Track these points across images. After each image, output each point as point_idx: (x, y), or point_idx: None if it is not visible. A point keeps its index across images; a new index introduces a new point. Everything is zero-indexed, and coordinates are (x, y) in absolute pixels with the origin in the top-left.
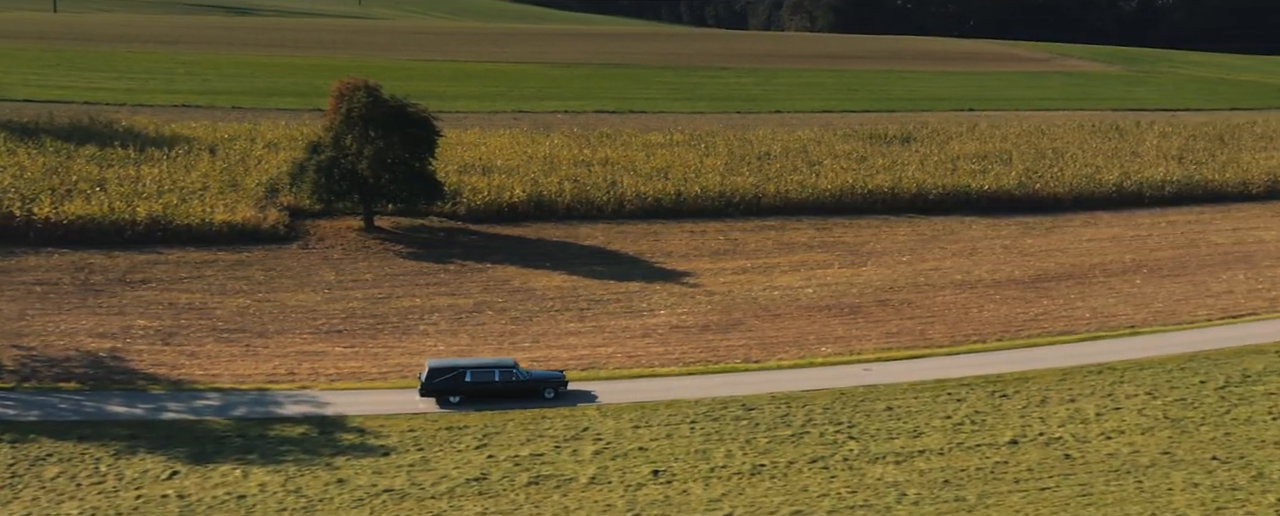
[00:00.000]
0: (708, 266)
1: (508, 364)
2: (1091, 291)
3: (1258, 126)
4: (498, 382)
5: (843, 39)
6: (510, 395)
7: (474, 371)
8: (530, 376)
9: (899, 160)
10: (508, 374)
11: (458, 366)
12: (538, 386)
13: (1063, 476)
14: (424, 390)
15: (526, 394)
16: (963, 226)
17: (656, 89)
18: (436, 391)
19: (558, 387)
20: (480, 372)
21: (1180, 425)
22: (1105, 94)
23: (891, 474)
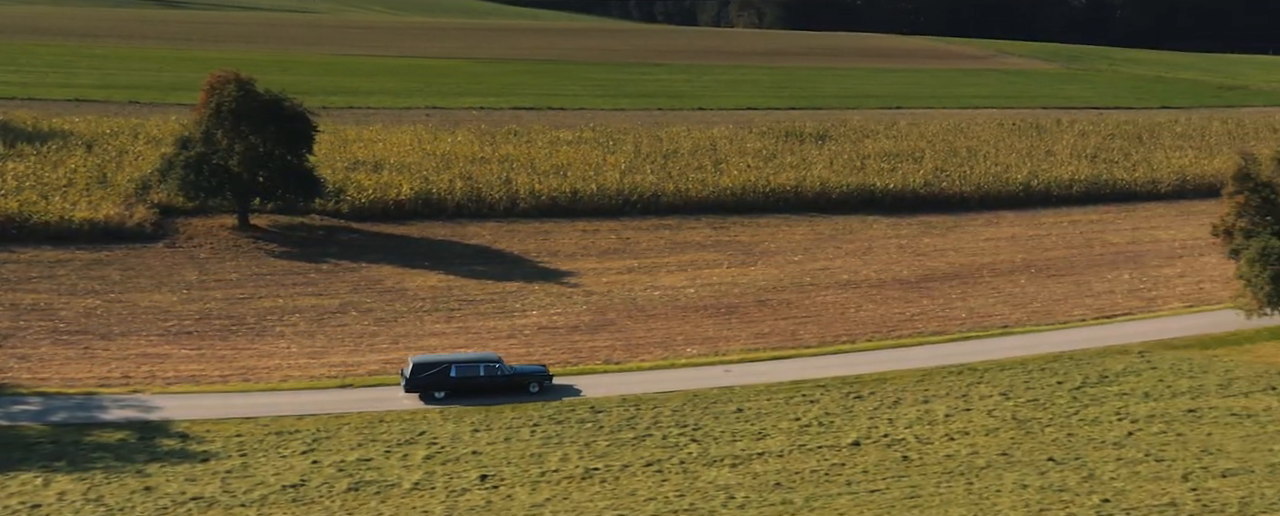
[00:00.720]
0: (593, 266)
1: (492, 358)
2: (974, 291)
3: (1179, 125)
4: (483, 377)
5: (786, 36)
6: (495, 390)
7: (459, 366)
8: (514, 371)
9: (808, 158)
10: (492, 368)
11: (442, 361)
12: (523, 381)
13: (896, 478)
14: (409, 386)
15: (511, 388)
16: (863, 226)
17: (582, 85)
18: (421, 387)
19: (542, 382)
20: (465, 367)
21: (1026, 426)
22: (1038, 92)
23: (725, 477)
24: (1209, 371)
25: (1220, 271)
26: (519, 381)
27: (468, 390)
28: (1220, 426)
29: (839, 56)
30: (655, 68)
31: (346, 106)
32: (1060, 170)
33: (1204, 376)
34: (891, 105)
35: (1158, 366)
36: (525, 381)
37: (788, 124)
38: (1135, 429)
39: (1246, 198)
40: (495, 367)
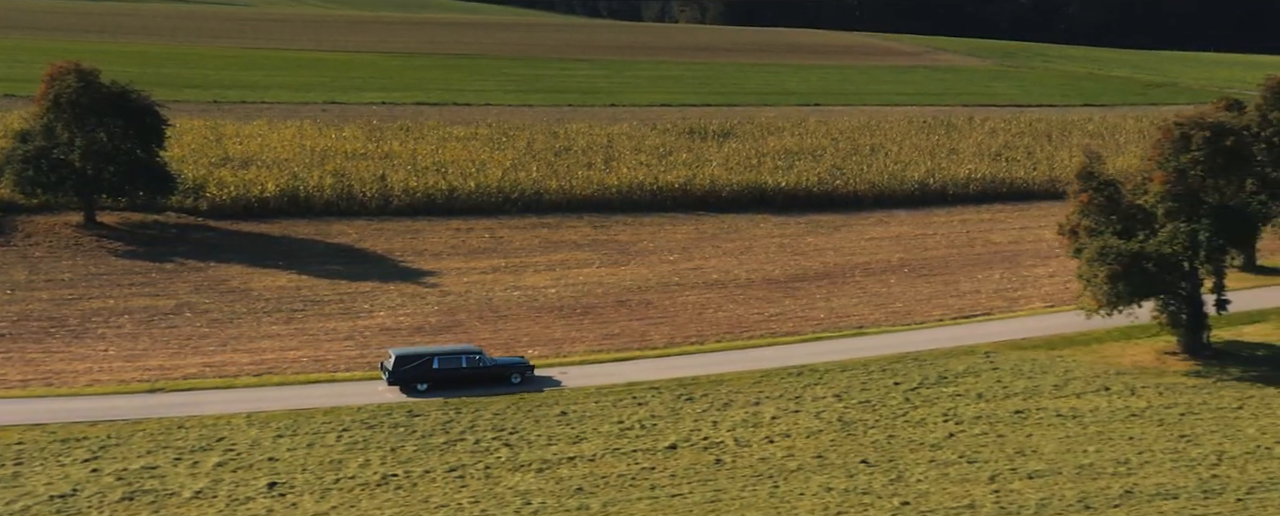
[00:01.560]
0: (458, 266)
1: (473, 351)
2: (841, 291)
3: (1092, 123)
4: (465, 369)
5: (720, 31)
6: (477, 381)
7: (441, 358)
8: (496, 363)
9: (705, 156)
10: (474, 360)
11: (425, 354)
12: (504, 372)
13: (702, 482)
14: (392, 378)
15: (493, 380)
16: (750, 224)
17: (497, 80)
18: (404, 380)
19: (524, 373)
20: (447, 360)
21: (850, 428)
22: (963, 89)
23: (528, 482)
24: (1049, 372)
25: None
26: (500, 373)
27: (450, 382)
28: (1043, 427)
29: (769, 52)
30: (577, 63)
31: (240, 101)
32: (960, 169)
33: (1042, 377)
34: (810, 102)
35: (1000, 367)
36: (507, 373)
37: (694, 121)
38: (958, 430)
39: (1090, 196)
40: (477, 359)
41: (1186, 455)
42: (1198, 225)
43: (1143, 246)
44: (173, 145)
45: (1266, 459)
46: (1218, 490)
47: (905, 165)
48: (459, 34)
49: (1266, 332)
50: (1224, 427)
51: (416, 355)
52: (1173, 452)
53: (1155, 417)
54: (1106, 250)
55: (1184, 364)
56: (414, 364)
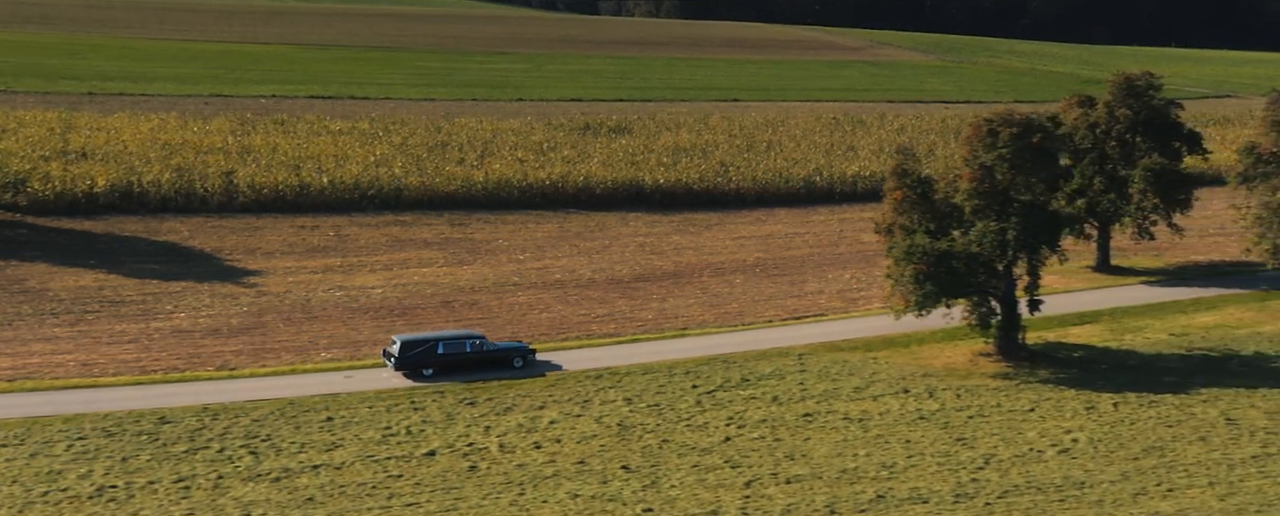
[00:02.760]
0: (289, 265)
1: (476, 336)
2: (680, 291)
3: None
4: (469, 353)
5: (665, 25)
6: (481, 365)
7: (446, 343)
8: (498, 347)
9: (588, 152)
10: (478, 345)
11: (429, 339)
12: (507, 356)
13: (445, 491)
14: (398, 364)
15: (496, 364)
16: (620, 223)
17: (407, 74)
18: (410, 365)
19: (526, 357)
20: (451, 344)
21: (627, 432)
22: (894, 85)
23: (259, 492)
24: (856, 374)
25: None
26: (502, 357)
27: (454, 366)
28: (824, 431)
29: (707, 47)
30: (499, 57)
31: (118, 93)
32: (851, 167)
33: (847, 379)
34: (730, 98)
35: (808, 369)
36: (509, 357)
37: (593, 116)
38: (737, 434)
39: (903, 194)
40: (479, 344)
41: (956, 458)
42: (1006, 224)
43: (951, 246)
44: (7, 138)
45: (1034, 462)
46: (971, 494)
47: (795, 163)
48: (380, 26)
49: (1092, 334)
50: (1006, 430)
51: (421, 340)
52: (943, 456)
53: (941, 420)
54: (913, 249)
55: (995, 366)
56: (419, 349)
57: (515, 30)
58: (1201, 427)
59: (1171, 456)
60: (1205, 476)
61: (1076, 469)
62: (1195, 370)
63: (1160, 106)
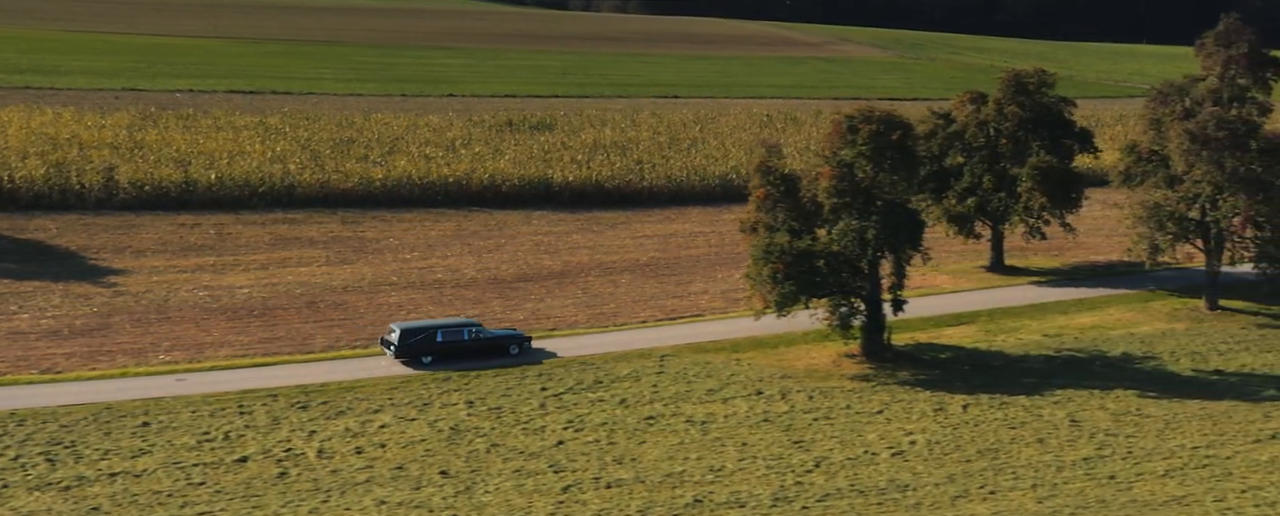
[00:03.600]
0: (157, 264)
1: (473, 324)
2: (561, 292)
3: None
4: (467, 341)
5: (626, 19)
6: (478, 353)
7: (444, 331)
8: (494, 335)
9: (500, 149)
10: (475, 333)
11: (428, 327)
12: (503, 343)
13: (245, 499)
14: (399, 352)
15: (493, 351)
16: (522, 221)
17: (339, 68)
18: (411, 352)
19: (522, 344)
20: (450, 332)
21: (459, 436)
22: (844, 82)
23: (42, 502)
24: (713, 376)
25: None
26: (499, 344)
27: (452, 354)
28: (663, 434)
29: (661, 42)
30: (441, 51)
31: (24, 86)
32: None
33: (703, 381)
34: (669, 94)
35: (667, 371)
36: (505, 344)
37: (517, 112)
38: (573, 438)
39: (767, 192)
40: (476, 332)
41: (787, 461)
42: (867, 223)
43: (812, 245)
44: None
45: (866, 465)
46: (791, 498)
47: (715, 161)
48: (323, 20)
49: (965, 335)
50: (848, 433)
51: (420, 328)
52: (776, 459)
53: (785, 423)
54: (771, 248)
55: (857, 367)
56: (419, 337)
57: (462, 25)
58: (1043, 429)
59: (1005, 458)
60: (1032, 478)
61: (905, 471)
62: (1057, 371)
63: (1051, 104)
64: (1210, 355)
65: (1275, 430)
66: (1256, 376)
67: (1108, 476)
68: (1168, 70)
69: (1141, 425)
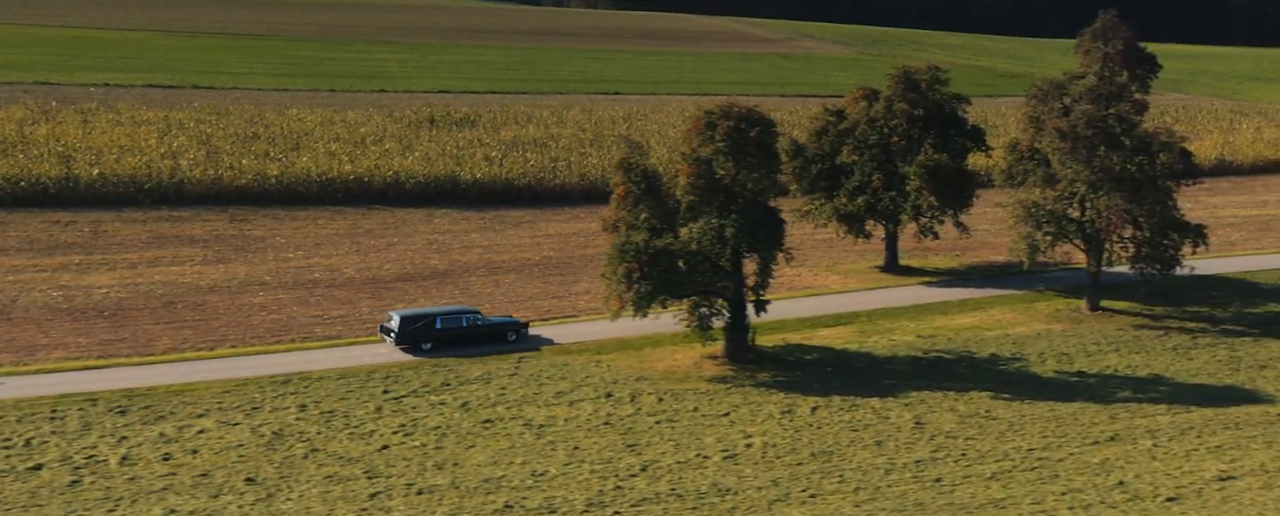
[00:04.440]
0: (18, 263)
1: (472, 311)
2: (437, 292)
3: None
4: (465, 328)
5: (583, 14)
6: (477, 340)
7: (443, 318)
8: (492, 322)
9: (412, 146)
10: (474, 319)
11: (427, 314)
12: (501, 330)
13: (24, 509)
14: (399, 339)
15: (491, 338)
16: (423, 219)
17: (272, 64)
18: (411, 339)
19: (519, 331)
20: (449, 319)
21: (279, 442)
22: (796, 79)
23: None
24: (568, 377)
25: None
26: (497, 331)
27: (451, 341)
28: (496, 438)
29: (617, 38)
30: (383, 46)
31: None
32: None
33: (556, 383)
34: (610, 91)
35: (522, 372)
36: (503, 331)
37: (442, 108)
38: (400, 442)
39: (627, 189)
40: (476, 319)
41: (615, 465)
42: (726, 221)
43: (671, 243)
44: None
45: (694, 468)
46: (605, 503)
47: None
48: (265, 14)
49: (839, 336)
50: (687, 436)
51: (420, 315)
52: (604, 463)
53: (626, 426)
54: (626, 247)
55: (718, 369)
56: (419, 324)
57: (410, 19)
58: (886, 432)
59: (837, 461)
60: (857, 481)
61: (732, 475)
62: (920, 373)
63: (942, 101)
64: (1078, 356)
65: (1115, 431)
66: (1116, 378)
67: (934, 479)
68: None
69: (986, 427)
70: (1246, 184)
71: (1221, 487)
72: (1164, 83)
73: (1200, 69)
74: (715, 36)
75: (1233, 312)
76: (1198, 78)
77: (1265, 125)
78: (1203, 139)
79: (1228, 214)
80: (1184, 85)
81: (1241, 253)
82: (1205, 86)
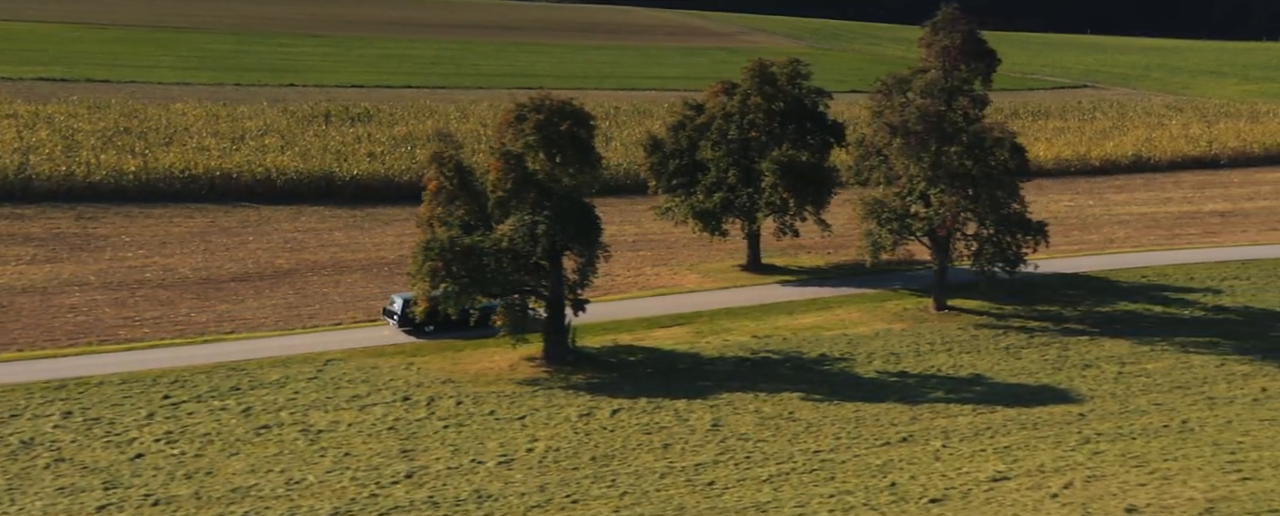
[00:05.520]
0: None
1: None
2: (271, 292)
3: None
4: (466, 310)
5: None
6: (479, 322)
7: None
8: (492, 304)
9: (293, 141)
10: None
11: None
12: None
13: None
14: (402, 321)
15: (490, 320)
16: (290, 217)
17: (183, 57)
18: (413, 322)
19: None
20: None
21: (27, 450)
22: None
23: None
24: (370, 381)
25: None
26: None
27: (452, 323)
28: (264, 446)
29: (561, 32)
30: (306, 39)
31: None
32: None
33: (354, 387)
34: (534, 85)
35: (323, 376)
36: None
37: (341, 102)
38: (158, 451)
39: (440, 184)
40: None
41: (380, 473)
42: (538, 217)
43: (481, 241)
44: None
45: (464, 475)
46: (352, 513)
47: None
48: (188, 7)
49: (673, 336)
50: (470, 441)
51: None
52: (370, 470)
53: (410, 431)
54: (431, 244)
55: (533, 371)
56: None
57: (341, 12)
58: (679, 434)
59: (616, 465)
60: (627, 486)
61: (499, 481)
62: (742, 374)
63: (802, 95)
64: (907, 356)
65: (911, 432)
66: (936, 378)
67: (708, 482)
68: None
69: (782, 429)
70: (1159, 181)
71: (991, 488)
72: (1113, 77)
73: (1156, 63)
74: (664, 30)
75: (1081, 311)
76: (1152, 72)
77: (1194, 122)
78: (1125, 135)
79: (1124, 211)
80: (1134, 80)
81: (1116, 250)
82: (1156, 81)
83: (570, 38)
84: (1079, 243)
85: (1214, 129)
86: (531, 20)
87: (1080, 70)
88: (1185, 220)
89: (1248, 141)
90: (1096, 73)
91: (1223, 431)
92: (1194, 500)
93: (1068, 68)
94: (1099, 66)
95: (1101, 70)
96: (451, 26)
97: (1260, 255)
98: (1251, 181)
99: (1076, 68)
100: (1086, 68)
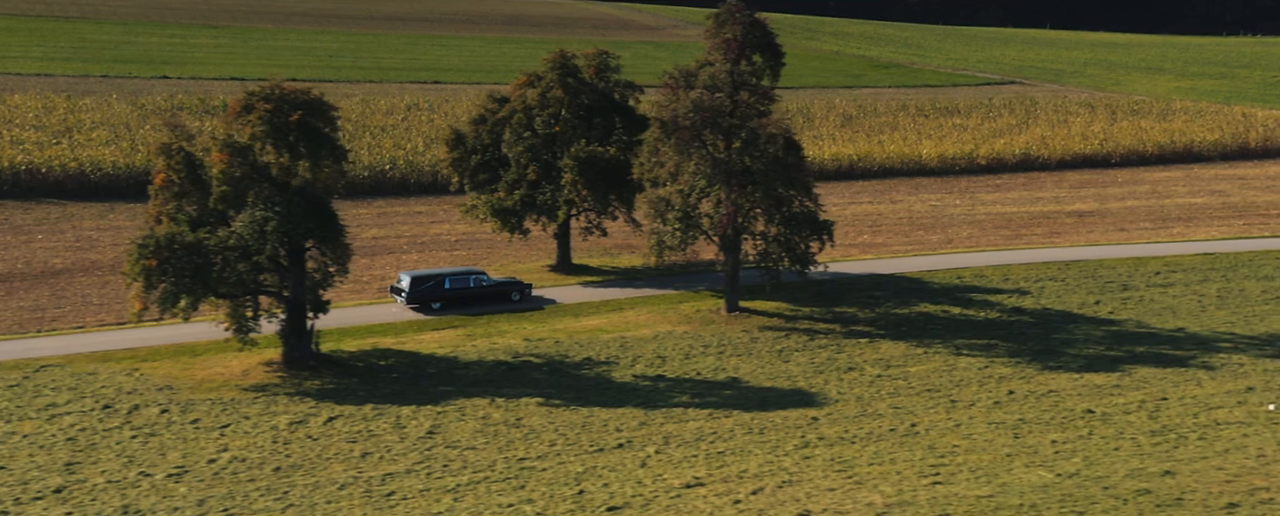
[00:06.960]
0: None
1: (478, 272)
2: (25, 292)
3: None
4: (472, 288)
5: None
6: (483, 299)
7: (452, 278)
8: (497, 282)
9: (124, 136)
10: (479, 280)
11: (436, 274)
12: (506, 291)
13: None
14: (410, 298)
15: (497, 297)
16: (97, 214)
17: (57, 47)
18: (420, 299)
19: (522, 291)
20: (457, 280)
21: None
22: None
23: None
24: (76, 389)
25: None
26: (502, 291)
27: (459, 300)
28: None
29: (480, 25)
30: (205, 30)
31: None
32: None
33: (56, 396)
34: (432, 80)
35: (26, 384)
36: (508, 291)
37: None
38: None
39: (167, 177)
40: (482, 279)
41: (24, 489)
42: (268, 213)
43: (206, 238)
44: None
45: (122, 489)
46: None
47: (383, 151)
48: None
49: (438, 340)
50: (150, 453)
51: (429, 276)
52: (18, 484)
53: (87, 442)
54: (145, 241)
55: (267, 376)
56: (429, 284)
57: (252, 3)
58: (386, 443)
59: (298, 477)
60: (298, 499)
61: (156, 495)
62: (494, 378)
63: (607, 89)
64: (675, 359)
65: (630, 438)
66: (691, 382)
67: (388, 494)
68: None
69: (500, 436)
70: (1041, 180)
71: (679, 495)
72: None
73: (1097, 58)
74: (591, 24)
75: (877, 313)
76: (1088, 68)
77: (1097, 119)
78: (1022, 134)
79: (984, 211)
80: (1067, 76)
81: (950, 250)
82: (1089, 78)
83: (492, 31)
84: (917, 243)
85: (1115, 127)
86: (453, 13)
87: (1013, 66)
88: (1039, 220)
89: (1143, 140)
90: (1029, 69)
91: (945, 435)
92: (873, 504)
93: (1002, 64)
94: (1036, 62)
95: (1036, 66)
96: (364, 19)
97: (1086, 256)
98: (1134, 180)
99: (1011, 64)
100: (1021, 63)
